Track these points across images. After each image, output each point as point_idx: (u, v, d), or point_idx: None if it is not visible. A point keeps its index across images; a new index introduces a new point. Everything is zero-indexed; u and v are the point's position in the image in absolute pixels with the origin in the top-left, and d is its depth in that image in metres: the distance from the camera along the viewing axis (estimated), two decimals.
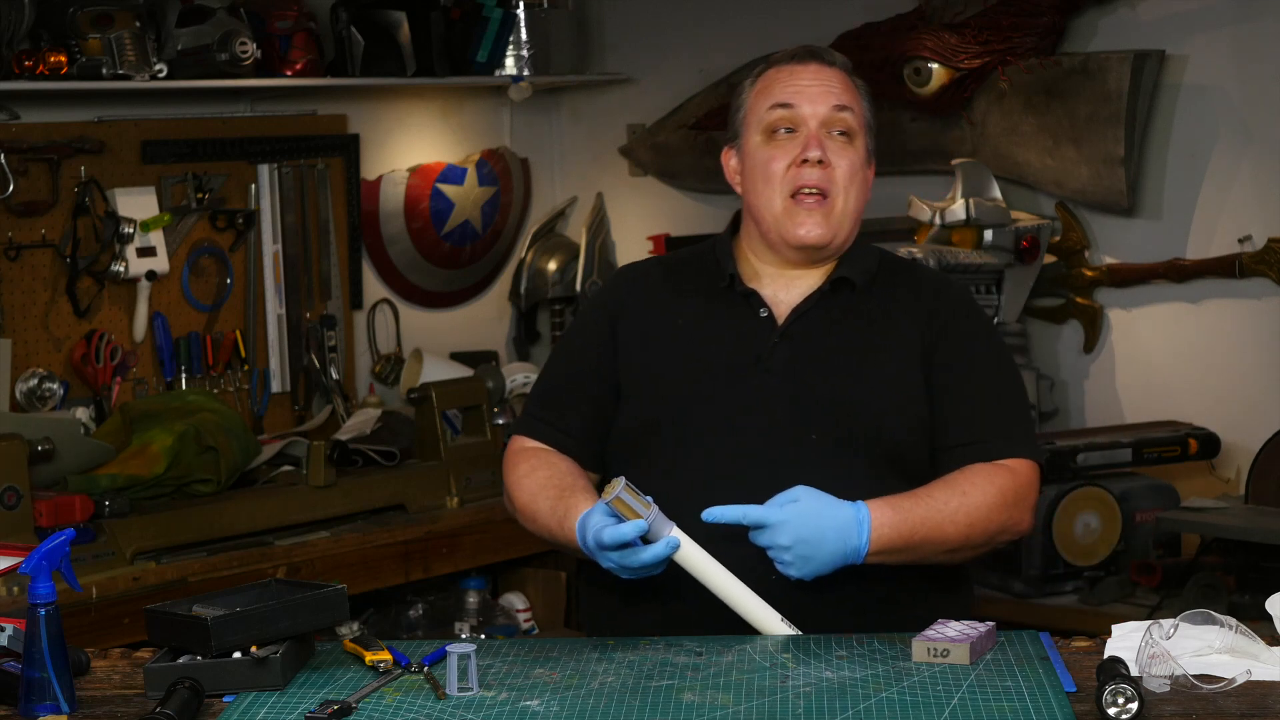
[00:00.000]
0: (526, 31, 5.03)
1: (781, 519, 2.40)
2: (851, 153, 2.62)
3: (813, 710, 2.09)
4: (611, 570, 2.43)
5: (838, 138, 2.60)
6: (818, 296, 2.62)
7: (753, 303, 2.63)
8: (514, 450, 2.70)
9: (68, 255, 4.29)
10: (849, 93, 2.63)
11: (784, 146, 2.60)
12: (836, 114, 2.60)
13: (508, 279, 5.33)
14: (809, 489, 2.43)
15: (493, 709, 2.13)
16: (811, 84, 2.61)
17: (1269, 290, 4.20)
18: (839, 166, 2.60)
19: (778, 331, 2.60)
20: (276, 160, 4.70)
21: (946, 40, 4.47)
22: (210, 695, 2.18)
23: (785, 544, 2.40)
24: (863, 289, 2.63)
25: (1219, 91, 4.24)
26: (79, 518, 3.73)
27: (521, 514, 2.64)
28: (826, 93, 2.61)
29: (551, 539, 2.58)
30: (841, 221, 2.61)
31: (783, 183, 2.59)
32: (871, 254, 2.70)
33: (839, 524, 2.42)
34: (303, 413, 4.76)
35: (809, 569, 2.41)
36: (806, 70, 2.63)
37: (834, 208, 2.60)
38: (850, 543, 2.42)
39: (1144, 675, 2.15)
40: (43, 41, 4.13)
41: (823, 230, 2.59)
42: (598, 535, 2.40)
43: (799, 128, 2.60)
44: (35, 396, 4.21)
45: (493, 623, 4.52)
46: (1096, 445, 4.06)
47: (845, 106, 2.61)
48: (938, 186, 4.48)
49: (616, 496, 2.37)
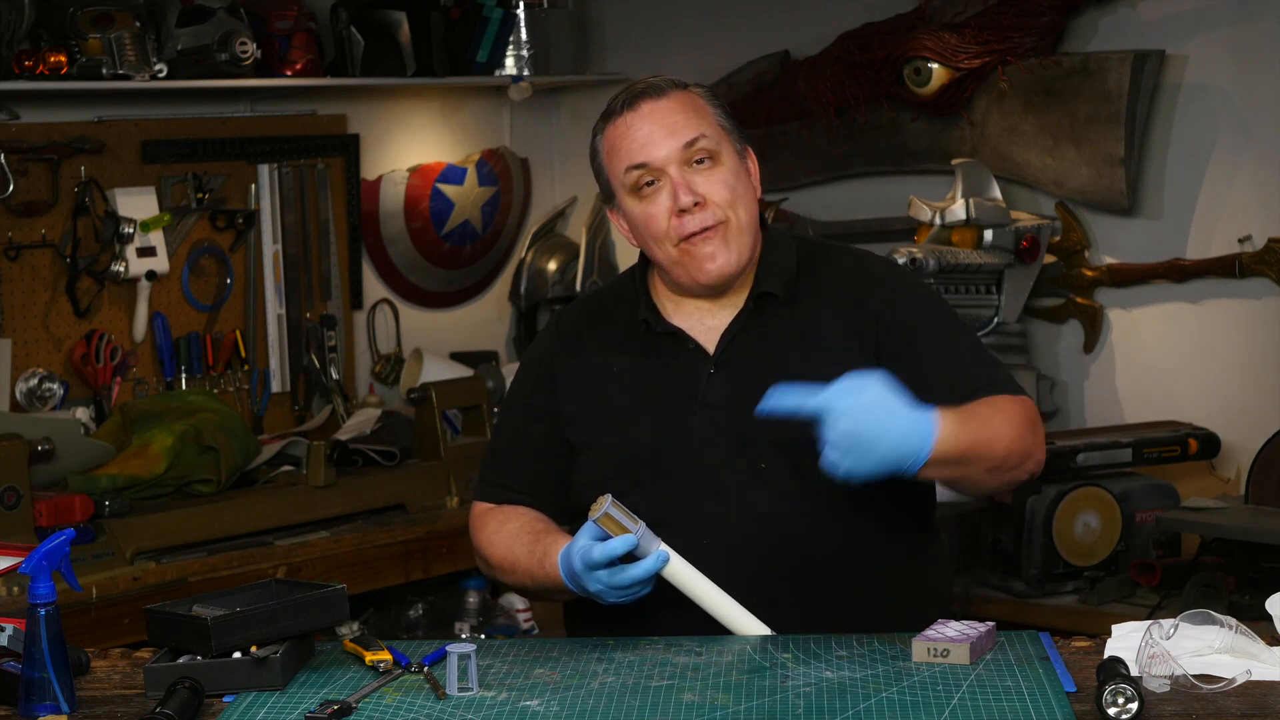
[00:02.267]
0: (526, 31, 5.03)
1: (844, 408, 2.26)
2: (721, 171, 2.52)
3: (813, 710, 2.09)
4: (599, 594, 2.38)
5: (700, 166, 2.52)
6: (745, 317, 2.57)
7: (679, 338, 2.58)
8: (478, 514, 2.67)
9: (68, 255, 4.29)
10: (690, 117, 2.53)
11: (655, 200, 2.52)
12: (688, 149, 2.51)
13: (508, 279, 5.33)
14: (884, 377, 2.30)
15: (493, 709, 2.13)
16: (651, 129, 2.51)
17: (1269, 290, 4.20)
18: (714, 193, 2.51)
19: (710, 361, 2.56)
20: (276, 160, 4.70)
21: (946, 40, 4.47)
22: (210, 695, 2.18)
23: (839, 436, 2.26)
24: (787, 297, 2.58)
25: (1219, 91, 4.24)
26: (79, 518, 3.73)
27: (499, 568, 2.60)
28: (668, 133, 2.51)
29: (533, 582, 2.53)
30: (743, 239, 2.54)
31: (669, 233, 2.53)
32: (785, 250, 2.62)
33: (904, 423, 2.29)
34: (303, 413, 4.76)
35: (860, 468, 2.29)
36: (638, 115, 2.53)
37: (729, 230, 2.53)
38: (910, 447, 2.29)
39: (1144, 675, 2.14)
40: (43, 41, 4.13)
41: (725, 257, 2.52)
42: (586, 554, 2.36)
43: (660, 178, 2.52)
44: (35, 396, 4.21)
45: (493, 623, 4.53)
46: (1096, 445, 4.06)
47: (693, 139, 2.51)
48: (938, 186, 4.48)
49: (605, 513, 2.34)
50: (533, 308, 5.28)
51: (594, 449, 2.59)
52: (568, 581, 2.43)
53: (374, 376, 4.98)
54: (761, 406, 2.34)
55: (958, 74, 4.46)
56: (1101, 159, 4.30)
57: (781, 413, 2.32)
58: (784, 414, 2.32)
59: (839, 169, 4.82)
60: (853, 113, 4.71)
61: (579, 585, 2.40)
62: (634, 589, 2.37)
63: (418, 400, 4.45)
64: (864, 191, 4.81)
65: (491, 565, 2.63)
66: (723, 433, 2.52)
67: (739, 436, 2.51)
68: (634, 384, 2.59)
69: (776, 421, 2.41)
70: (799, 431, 2.41)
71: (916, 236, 4.37)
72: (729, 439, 2.52)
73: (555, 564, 2.45)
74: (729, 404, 2.53)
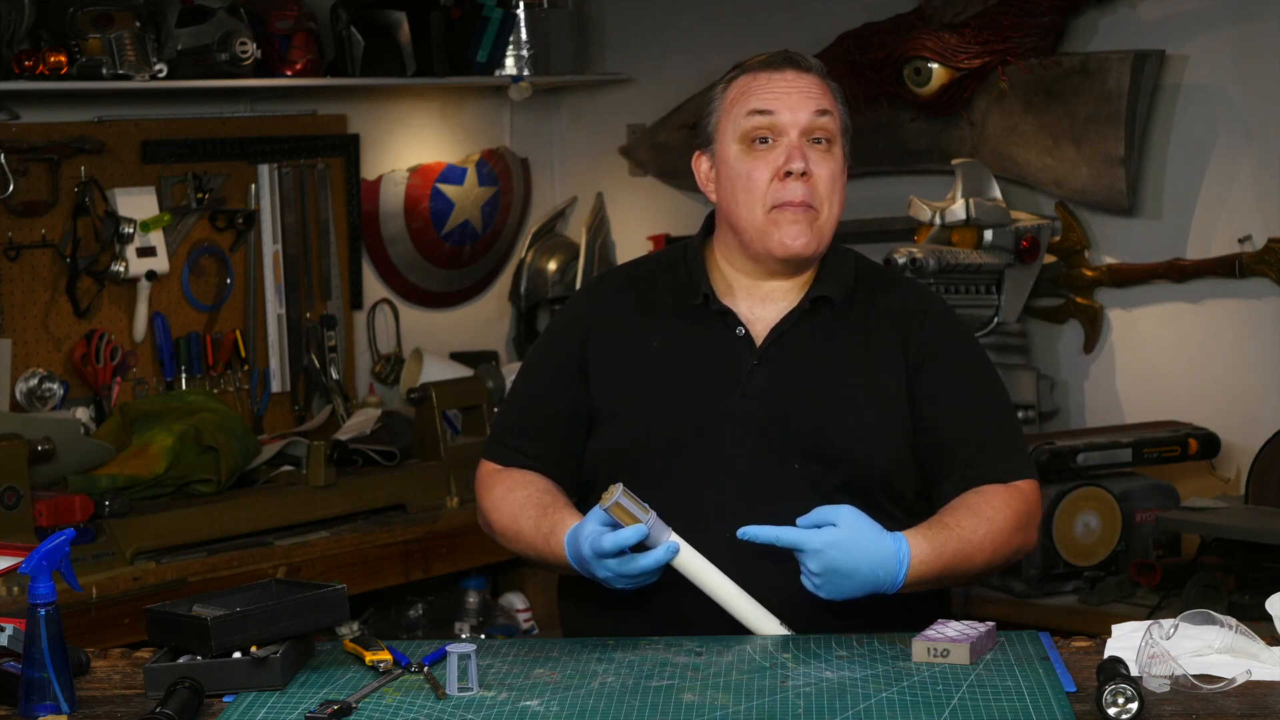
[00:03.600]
0: (526, 31, 5.03)
1: (816, 547, 2.34)
2: (832, 160, 2.55)
3: (813, 710, 2.09)
4: (606, 580, 2.39)
5: (818, 146, 2.54)
6: (797, 315, 2.56)
7: (729, 321, 2.57)
8: (485, 473, 2.64)
9: (68, 255, 4.29)
10: (827, 97, 2.56)
11: (764, 157, 2.53)
12: (817, 120, 2.53)
13: (508, 279, 5.33)
14: (852, 511, 2.37)
15: (493, 709, 2.13)
16: (790, 90, 2.53)
17: (1269, 290, 4.20)
18: (821, 176, 2.53)
19: (756, 353, 2.55)
20: (276, 160, 4.70)
21: (946, 40, 4.47)
22: (210, 695, 2.18)
23: (816, 571, 2.34)
24: (842, 305, 2.58)
25: (1219, 91, 4.24)
26: (79, 518, 3.73)
27: (501, 535, 2.59)
28: (805, 98, 2.53)
29: (537, 556, 2.53)
30: (824, 231, 2.55)
31: (765, 196, 2.52)
32: (847, 262, 2.63)
33: (875, 557, 2.36)
34: (303, 413, 4.76)
35: (838, 594, 2.36)
36: (783, 76, 2.54)
37: (818, 218, 2.53)
38: (885, 576, 2.37)
39: (1144, 675, 2.14)
40: (43, 41, 4.13)
41: (807, 239, 2.52)
42: (596, 543, 2.35)
43: (778, 137, 2.53)
44: (35, 396, 4.21)
45: (493, 623, 4.53)
46: (1096, 445, 4.06)
47: (825, 111, 2.54)
48: (938, 186, 4.48)
49: (616, 502, 2.33)
50: (533, 308, 5.28)
51: (620, 420, 2.56)
52: (574, 564, 2.43)
53: (374, 376, 4.99)
54: (741, 533, 2.37)
55: (958, 74, 4.46)
56: (1101, 159, 4.30)
57: (760, 543, 2.37)
58: (761, 544, 2.37)
59: None
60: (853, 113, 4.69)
61: (586, 570, 2.40)
62: (642, 578, 2.38)
63: (418, 400, 4.45)
64: (864, 191, 4.80)
65: (494, 531, 2.61)
66: (757, 425, 2.51)
67: (773, 432, 2.50)
68: (673, 360, 2.56)
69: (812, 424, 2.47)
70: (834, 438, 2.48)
71: (916, 236, 4.38)
72: (762, 433, 2.50)
73: (561, 542, 2.45)
74: (769, 398, 2.52)
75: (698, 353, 2.56)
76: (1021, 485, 2.54)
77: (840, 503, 2.41)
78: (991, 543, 2.47)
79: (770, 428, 2.50)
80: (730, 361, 2.54)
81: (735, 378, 2.53)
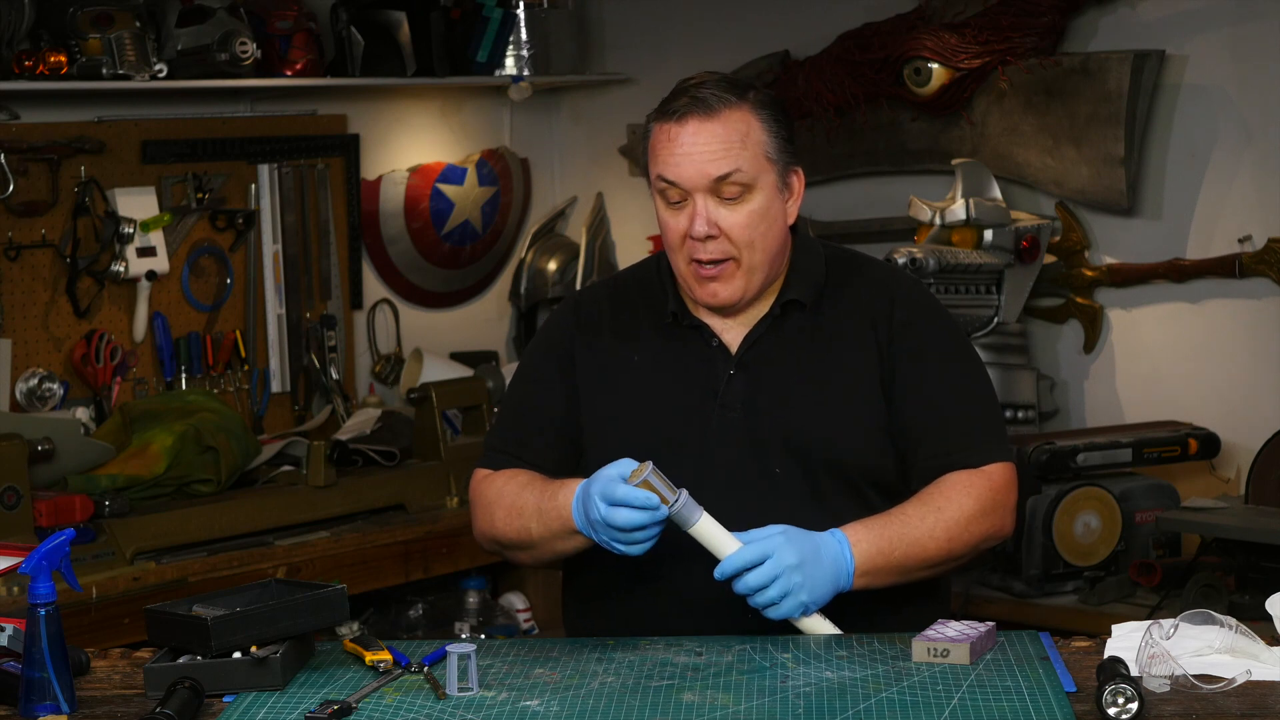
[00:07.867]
0: (526, 31, 5.03)
1: (780, 543, 2.34)
2: (748, 205, 2.50)
3: (813, 710, 2.10)
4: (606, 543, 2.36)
5: (729, 202, 2.50)
6: (769, 321, 2.57)
7: (704, 334, 2.58)
8: (480, 479, 2.63)
9: (68, 255, 4.29)
10: (732, 147, 2.48)
11: (676, 215, 2.52)
12: (719, 184, 2.48)
13: (508, 279, 5.33)
14: (782, 524, 2.39)
15: (493, 709, 2.13)
16: (690, 151, 2.48)
17: (1269, 290, 4.20)
18: (734, 227, 2.49)
19: (732, 362, 2.56)
20: (276, 160, 4.70)
21: (946, 40, 4.47)
22: (210, 695, 2.19)
23: (793, 562, 2.34)
24: (813, 305, 2.58)
25: (1219, 91, 4.24)
26: (79, 518, 3.73)
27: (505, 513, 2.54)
28: (707, 159, 2.47)
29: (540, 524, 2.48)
30: (751, 276, 2.52)
31: (683, 250, 2.52)
32: (816, 258, 2.62)
33: (825, 547, 2.38)
34: (303, 413, 4.76)
35: (815, 591, 2.36)
36: (685, 130, 2.48)
37: (741, 264, 2.52)
38: (841, 565, 2.39)
39: (1144, 675, 2.15)
40: (43, 41, 4.13)
41: (730, 290, 2.52)
42: (608, 488, 2.33)
43: (685, 197, 2.50)
44: (35, 396, 4.21)
45: (493, 623, 4.53)
46: (1096, 445, 4.06)
47: (726, 173, 2.47)
48: (938, 186, 4.48)
49: (645, 479, 2.33)
50: (533, 308, 5.28)
51: (607, 434, 2.57)
52: (576, 514, 2.40)
53: (374, 376, 4.99)
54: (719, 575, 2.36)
55: (958, 74, 4.46)
56: (1101, 159, 4.30)
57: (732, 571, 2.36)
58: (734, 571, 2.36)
59: (839, 169, 4.82)
60: (853, 113, 4.71)
61: (585, 518, 2.38)
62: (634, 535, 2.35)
63: (418, 400, 4.45)
64: (864, 191, 4.81)
65: (494, 517, 2.56)
66: (739, 434, 2.53)
67: (754, 439, 2.52)
68: (653, 374, 2.58)
69: (792, 428, 2.48)
70: (814, 440, 2.47)
71: (916, 236, 4.38)
72: (744, 441, 2.52)
73: (567, 502, 2.43)
74: (747, 406, 2.54)
75: (675, 368, 2.58)
76: (990, 470, 2.53)
77: (831, 500, 2.46)
78: (945, 531, 2.47)
79: (750, 435, 2.52)
80: (707, 373, 2.56)
81: (714, 390, 2.55)
